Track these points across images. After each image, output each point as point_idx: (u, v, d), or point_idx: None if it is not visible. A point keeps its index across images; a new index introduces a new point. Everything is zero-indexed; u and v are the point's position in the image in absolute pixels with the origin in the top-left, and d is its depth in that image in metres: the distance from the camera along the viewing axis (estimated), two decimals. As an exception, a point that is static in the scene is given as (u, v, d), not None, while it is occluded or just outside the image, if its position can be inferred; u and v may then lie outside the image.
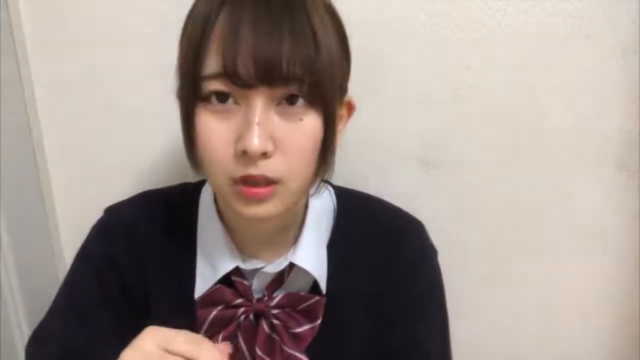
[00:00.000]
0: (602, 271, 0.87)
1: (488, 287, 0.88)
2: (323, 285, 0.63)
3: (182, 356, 0.44)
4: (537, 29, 0.78)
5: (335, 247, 0.65)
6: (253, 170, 0.51)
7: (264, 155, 0.51)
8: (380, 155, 0.84)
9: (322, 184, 0.62)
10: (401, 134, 0.83)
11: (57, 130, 0.89)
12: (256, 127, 0.49)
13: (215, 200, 0.65)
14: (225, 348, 0.46)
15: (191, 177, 0.67)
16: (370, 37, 0.78)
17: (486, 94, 0.81)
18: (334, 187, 0.70)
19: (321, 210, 0.67)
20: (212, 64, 0.50)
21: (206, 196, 0.66)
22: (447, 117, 0.82)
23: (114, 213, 0.68)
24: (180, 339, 0.45)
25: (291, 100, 0.51)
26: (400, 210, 0.70)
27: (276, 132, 0.51)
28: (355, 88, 0.65)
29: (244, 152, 0.50)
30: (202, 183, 0.68)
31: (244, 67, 0.48)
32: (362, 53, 0.63)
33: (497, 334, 0.90)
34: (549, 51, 0.78)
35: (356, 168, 0.73)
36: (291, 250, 0.62)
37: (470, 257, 0.87)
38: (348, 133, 0.64)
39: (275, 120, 0.51)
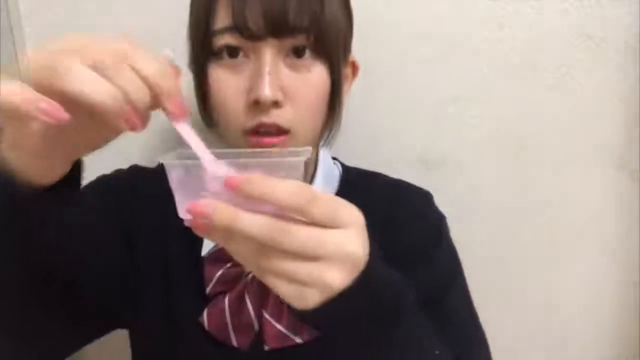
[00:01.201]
0: (602, 271, 0.87)
1: (488, 287, 0.88)
2: None
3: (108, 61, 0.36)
4: (537, 29, 0.78)
5: None
6: (265, 119, 0.53)
7: (275, 104, 0.53)
8: (380, 155, 0.84)
9: (331, 136, 0.63)
10: (401, 134, 0.83)
11: (57, 130, 0.88)
12: (267, 77, 0.51)
13: None
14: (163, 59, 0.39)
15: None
16: (371, 37, 0.78)
17: (486, 94, 0.81)
18: (341, 163, 0.72)
19: (329, 172, 0.68)
20: (222, 18, 0.52)
21: None
22: (447, 118, 0.82)
23: (133, 169, 0.69)
24: (112, 40, 0.38)
25: (298, 52, 0.53)
26: (405, 182, 0.70)
27: (285, 83, 0.53)
28: (356, 88, 0.65)
29: (256, 102, 0.52)
30: None
31: (253, 20, 0.51)
32: (362, 53, 0.63)
33: (497, 333, 0.90)
34: (549, 51, 0.78)
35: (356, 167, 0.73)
36: None
37: (470, 256, 0.86)
38: (348, 133, 0.64)
39: (285, 71, 0.54)
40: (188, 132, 0.40)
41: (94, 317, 0.59)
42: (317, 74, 0.55)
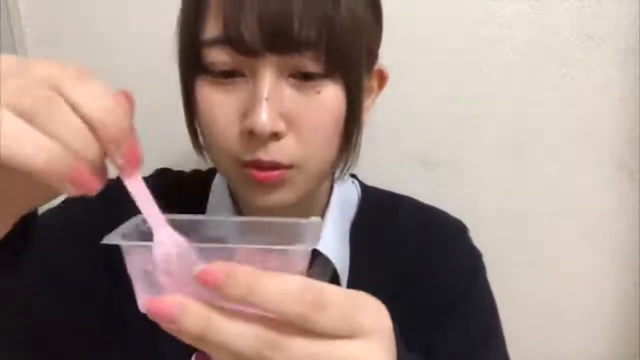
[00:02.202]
0: (602, 271, 0.87)
1: (488, 287, 0.88)
2: (344, 280, 0.53)
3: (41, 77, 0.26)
4: (537, 29, 0.78)
5: (357, 241, 0.57)
6: (263, 155, 0.44)
7: (275, 136, 0.44)
8: (380, 155, 0.84)
9: (347, 168, 0.53)
10: (401, 134, 0.83)
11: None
12: (264, 103, 0.42)
13: (230, 186, 0.57)
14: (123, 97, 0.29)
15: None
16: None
17: (486, 94, 0.81)
18: (360, 182, 0.64)
19: (346, 198, 0.59)
20: (212, 27, 0.44)
21: (219, 184, 0.59)
22: (447, 117, 0.82)
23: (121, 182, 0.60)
24: (45, 65, 0.27)
25: (306, 71, 0.44)
26: (435, 209, 0.62)
27: (289, 108, 0.44)
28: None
29: (251, 132, 0.43)
30: (213, 170, 0.62)
31: (249, 31, 0.41)
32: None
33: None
34: (549, 51, 0.78)
35: (356, 168, 0.73)
36: None
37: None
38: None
39: (288, 93, 0.44)
40: (139, 190, 0.30)
41: (70, 352, 0.52)
42: (329, 96, 0.45)
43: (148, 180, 0.61)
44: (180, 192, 0.58)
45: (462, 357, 0.54)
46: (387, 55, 0.80)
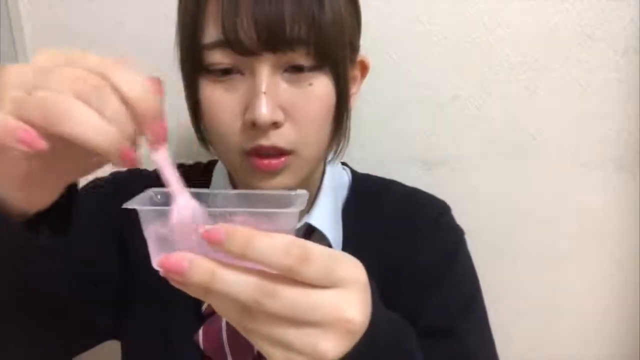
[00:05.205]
0: (602, 271, 0.87)
1: (487, 288, 0.88)
2: None
3: (90, 71, 0.32)
4: (537, 29, 0.78)
5: (349, 218, 0.62)
6: (264, 142, 0.49)
7: (274, 125, 0.49)
8: (380, 155, 0.84)
9: (340, 149, 0.58)
10: (401, 134, 0.83)
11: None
12: (263, 97, 0.47)
13: (230, 174, 0.61)
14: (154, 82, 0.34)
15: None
16: (370, 37, 0.78)
17: (486, 94, 0.81)
18: (350, 169, 0.69)
19: (338, 181, 0.64)
20: (211, 31, 0.48)
21: (219, 171, 0.63)
22: (447, 117, 0.82)
23: (132, 172, 0.64)
24: (90, 57, 0.33)
25: (298, 65, 0.49)
26: (421, 190, 0.67)
27: (285, 100, 0.49)
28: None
29: (253, 124, 0.48)
30: (214, 162, 0.66)
31: (246, 33, 0.46)
32: (362, 53, 0.63)
33: (496, 334, 0.90)
34: (549, 51, 0.78)
35: (356, 167, 0.73)
36: (307, 213, 0.59)
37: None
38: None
39: (283, 87, 0.49)
40: (165, 162, 0.35)
41: (84, 330, 0.56)
42: (320, 87, 0.50)
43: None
44: (184, 181, 0.62)
45: (443, 326, 0.58)
46: (387, 55, 0.81)
